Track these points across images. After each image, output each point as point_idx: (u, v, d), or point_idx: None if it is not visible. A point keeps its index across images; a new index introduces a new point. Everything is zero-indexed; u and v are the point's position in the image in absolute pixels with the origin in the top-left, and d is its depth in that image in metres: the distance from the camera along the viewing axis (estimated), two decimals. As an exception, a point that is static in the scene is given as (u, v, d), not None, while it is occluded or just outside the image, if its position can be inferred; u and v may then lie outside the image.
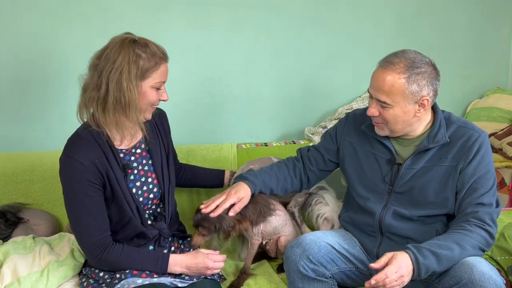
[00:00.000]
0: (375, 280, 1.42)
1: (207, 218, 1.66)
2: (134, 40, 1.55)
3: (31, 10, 2.17)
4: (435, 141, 1.64)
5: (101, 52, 1.55)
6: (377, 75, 1.60)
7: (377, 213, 1.71)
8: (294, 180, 1.87)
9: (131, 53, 1.52)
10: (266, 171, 1.84)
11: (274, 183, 1.82)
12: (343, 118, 1.91)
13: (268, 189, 1.81)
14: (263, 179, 1.79)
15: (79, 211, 1.56)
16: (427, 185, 1.65)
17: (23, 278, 1.65)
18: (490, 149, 1.66)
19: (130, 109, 1.54)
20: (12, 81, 2.21)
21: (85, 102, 1.56)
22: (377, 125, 1.69)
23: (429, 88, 1.58)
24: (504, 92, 2.87)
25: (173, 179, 1.79)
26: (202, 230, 1.70)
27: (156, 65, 1.56)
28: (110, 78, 1.50)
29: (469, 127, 1.66)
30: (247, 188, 1.74)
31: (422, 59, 1.59)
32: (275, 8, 2.50)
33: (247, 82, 2.55)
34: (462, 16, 2.85)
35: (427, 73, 1.57)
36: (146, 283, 1.56)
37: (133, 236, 1.67)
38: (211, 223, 1.67)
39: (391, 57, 1.60)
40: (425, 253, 1.46)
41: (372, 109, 1.64)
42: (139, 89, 1.54)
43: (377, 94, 1.60)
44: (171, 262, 1.63)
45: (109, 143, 1.61)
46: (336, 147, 1.88)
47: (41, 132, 2.29)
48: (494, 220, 1.58)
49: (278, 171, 1.86)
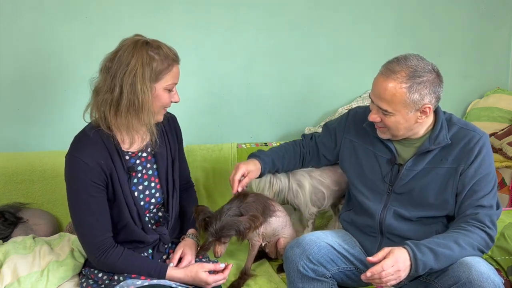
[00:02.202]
0: (371, 272, 1.43)
1: (225, 227, 1.65)
2: (146, 42, 1.54)
3: (31, 10, 2.17)
4: (436, 142, 1.63)
5: (113, 55, 1.53)
6: (378, 83, 1.58)
7: (378, 213, 1.71)
8: (297, 164, 1.97)
9: (144, 55, 1.50)
10: (276, 151, 1.94)
11: (281, 163, 1.91)
12: (343, 115, 1.91)
13: (275, 169, 1.90)
14: (273, 158, 1.88)
15: (82, 211, 1.56)
16: (427, 186, 1.65)
17: (23, 278, 1.65)
18: (491, 151, 1.65)
19: (143, 111, 1.53)
20: (12, 81, 2.21)
21: (98, 105, 1.54)
22: (379, 129, 1.68)
23: (431, 96, 1.56)
24: (504, 92, 2.87)
25: (177, 185, 1.77)
26: (224, 239, 1.68)
27: (169, 67, 1.55)
28: (124, 80, 1.49)
29: (470, 129, 1.65)
30: (257, 163, 1.82)
31: (425, 67, 1.56)
32: (275, 8, 2.50)
33: (247, 82, 2.55)
34: (462, 16, 2.85)
35: (429, 81, 1.55)
36: (145, 284, 1.56)
37: (132, 239, 1.65)
38: (231, 230, 1.65)
39: (393, 65, 1.57)
40: (423, 249, 1.47)
41: (374, 115, 1.63)
42: (153, 91, 1.54)
43: (378, 102, 1.59)
44: (167, 277, 1.61)
45: (116, 145, 1.59)
46: (333, 145, 1.89)
47: (41, 132, 2.29)
48: (494, 222, 1.58)
49: (286, 152, 1.95)
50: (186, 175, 1.93)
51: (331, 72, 2.67)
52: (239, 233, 1.65)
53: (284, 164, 1.92)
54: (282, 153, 1.93)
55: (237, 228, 1.64)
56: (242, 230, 1.64)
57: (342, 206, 1.95)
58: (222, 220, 1.64)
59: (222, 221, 1.64)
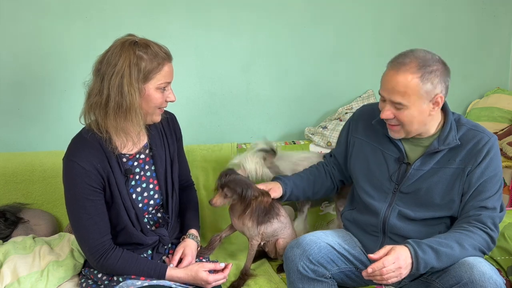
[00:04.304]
0: (372, 269, 1.43)
1: (236, 181, 1.69)
2: (134, 41, 1.51)
3: (31, 10, 2.17)
4: (445, 143, 1.62)
5: (102, 56, 1.52)
6: (389, 77, 1.57)
7: (382, 212, 1.70)
8: (328, 183, 1.96)
9: (131, 56, 1.48)
10: (297, 174, 1.96)
11: (305, 183, 1.91)
12: (349, 119, 1.91)
13: (300, 189, 1.89)
14: (294, 180, 1.89)
15: (79, 214, 1.55)
16: (434, 186, 1.64)
17: (23, 278, 1.65)
18: (499, 153, 1.65)
19: (131, 113, 1.51)
20: (12, 81, 2.21)
21: (89, 108, 1.54)
22: (392, 128, 1.66)
23: (442, 86, 1.56)
24: (504, 92, 2.87)
25: (176, 186, 1.76)
26: (228, 191, 1.71)
27: (159, 66, 1.52)
28: (112, 82, 1.47)
29: (479, 130, 1.65)
30: (278, 184, 1.84)
31: (433, 57, 1.57)
32: (275, 8, 2.50)
33: (247, 82, 2.55)
34: (462, 16, 2.85)
35: (439, 70, 1.55)
36: (145, 285, 1.56)
37: (131, 241, 1.65)
38: (239, 186, 1.69)
39: (401, 58, 1.57)
40: (424, 248, 1.47)
41: (387, 112, 1.61)
42: (142, 92, 1.51)
43: (391, 96, 1.57)
44: (167, 277, 1.61)
45: (113, 147, 1.58)
46: (344, 148, 1.90)
47: (41, 132, 2.29)
48: (496, 224, 1.58)
49: (309, 173, 1.95)
50: (186, 174, 1.92)
51: (331, 72, 2.67)
52: (243, 195, 1.68)
53: (309, 184, 1.92)
54: (306, 174, 1.94)
55: (246, 189, 1.68)
56: (248, 194, 1.68)
57: (344, 205, 1.95)
58: (237, 176, 1.71)
59: (237, 176, 1.71)
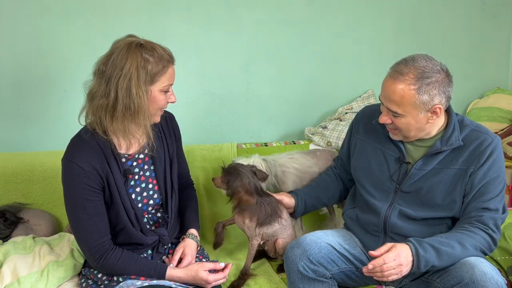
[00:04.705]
0: (373, 265, 1.43)
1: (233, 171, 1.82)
2: (140, 44, 1.51)
3: (31, 10, 2.17)
4: (448, 144, 1.62)
5: (106, 58, 1.50)
6: (387, 85, 1.58)
7: (383, 212, 1.70)
8: (340, 186, 2.00)
9: (139, 58, 1.47)
10: (308, 184, 2.02)
11: (318, 191, 1.97)
12: (352, 120, 1.91)
13: (313, 198, 1.95)
14: (304, 190, 1.96)
15: (79, 215, 1.55)
16: (436, 187, 1.64)
17: (23, 278, 1.65)
18: (503, 155, 1.64)
19: (140, 115, 1.51)
20: (12, 81, 2.21)
21: (93, 110, 1.53)
22: (391, 131, 1.68)
23: (441, 96, 1.55)
24: (504, 92, 2.87)
25: (176, 186, 1.76)
26: (224, 177, 1.84)
27: (164, 69, 1.53)
28: (119, 85, 1.47)
29: (483, 131, 1.64)
30: (289, 195, 1.92)
31: (433, 67, 1.54)
32: (275, 8, 2.50)
33: (247, 82, 2.55)
34: (462, 16, 2.85)
35: (438, 82, 1.54)
36: (145, 285, 1.56)
37: (130, 241, 1.65)
38: (231, 175, 1.81)
39: (401, 66, 1.56)
40: (425, 246, 1.48)
41: (384, 117, 1.63)
42: (149, 94, 1.52)
43: (388, 104, 1.58)
44: (167, 277, 1.61)
45: (112, 148, 1.57)
46: (347, 149, 1.91)
47: (41, 132, 2.29)
48: (498, 225, 1.58)
49: (319, 181, 2.00)
50: (186, 173, 1.92)
51: (331, 72, 2.67)
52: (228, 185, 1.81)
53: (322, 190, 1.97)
54: (316, 182, 1.99)
55: (233, 180, 1.79)
56: (233, 186, 1.79)
57: (346, 204, 1.96)
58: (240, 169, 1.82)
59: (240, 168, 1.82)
